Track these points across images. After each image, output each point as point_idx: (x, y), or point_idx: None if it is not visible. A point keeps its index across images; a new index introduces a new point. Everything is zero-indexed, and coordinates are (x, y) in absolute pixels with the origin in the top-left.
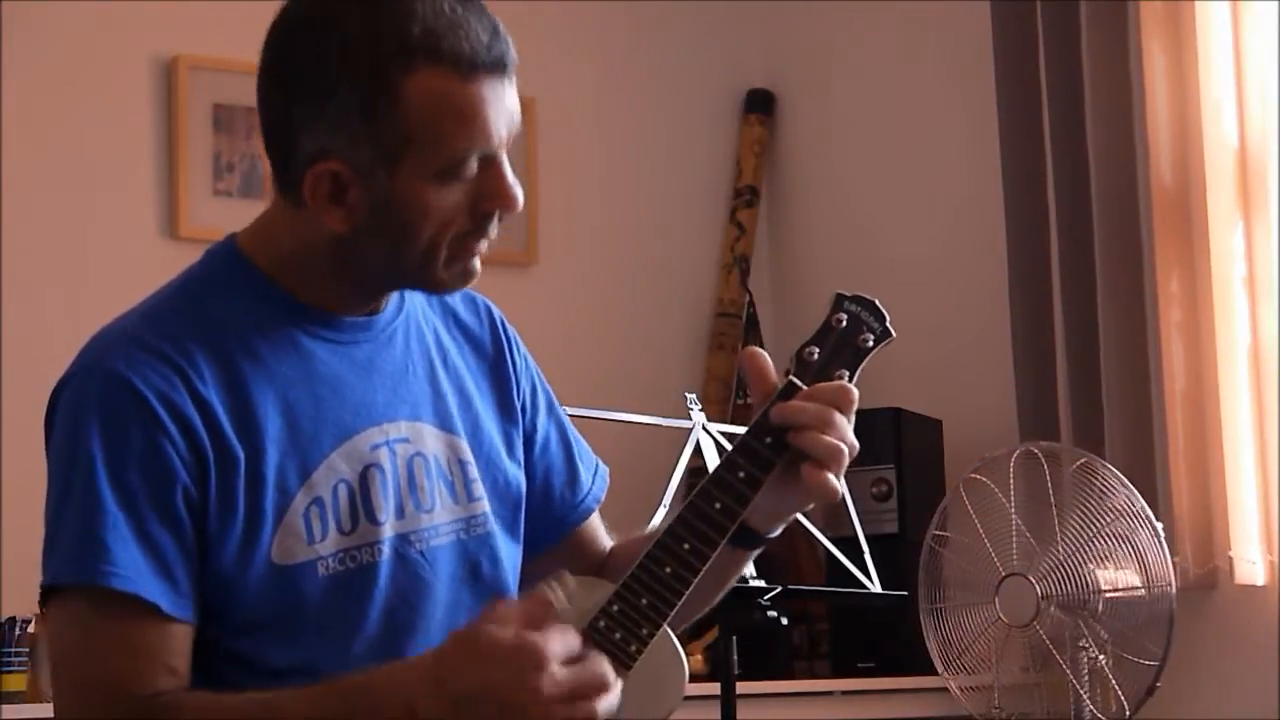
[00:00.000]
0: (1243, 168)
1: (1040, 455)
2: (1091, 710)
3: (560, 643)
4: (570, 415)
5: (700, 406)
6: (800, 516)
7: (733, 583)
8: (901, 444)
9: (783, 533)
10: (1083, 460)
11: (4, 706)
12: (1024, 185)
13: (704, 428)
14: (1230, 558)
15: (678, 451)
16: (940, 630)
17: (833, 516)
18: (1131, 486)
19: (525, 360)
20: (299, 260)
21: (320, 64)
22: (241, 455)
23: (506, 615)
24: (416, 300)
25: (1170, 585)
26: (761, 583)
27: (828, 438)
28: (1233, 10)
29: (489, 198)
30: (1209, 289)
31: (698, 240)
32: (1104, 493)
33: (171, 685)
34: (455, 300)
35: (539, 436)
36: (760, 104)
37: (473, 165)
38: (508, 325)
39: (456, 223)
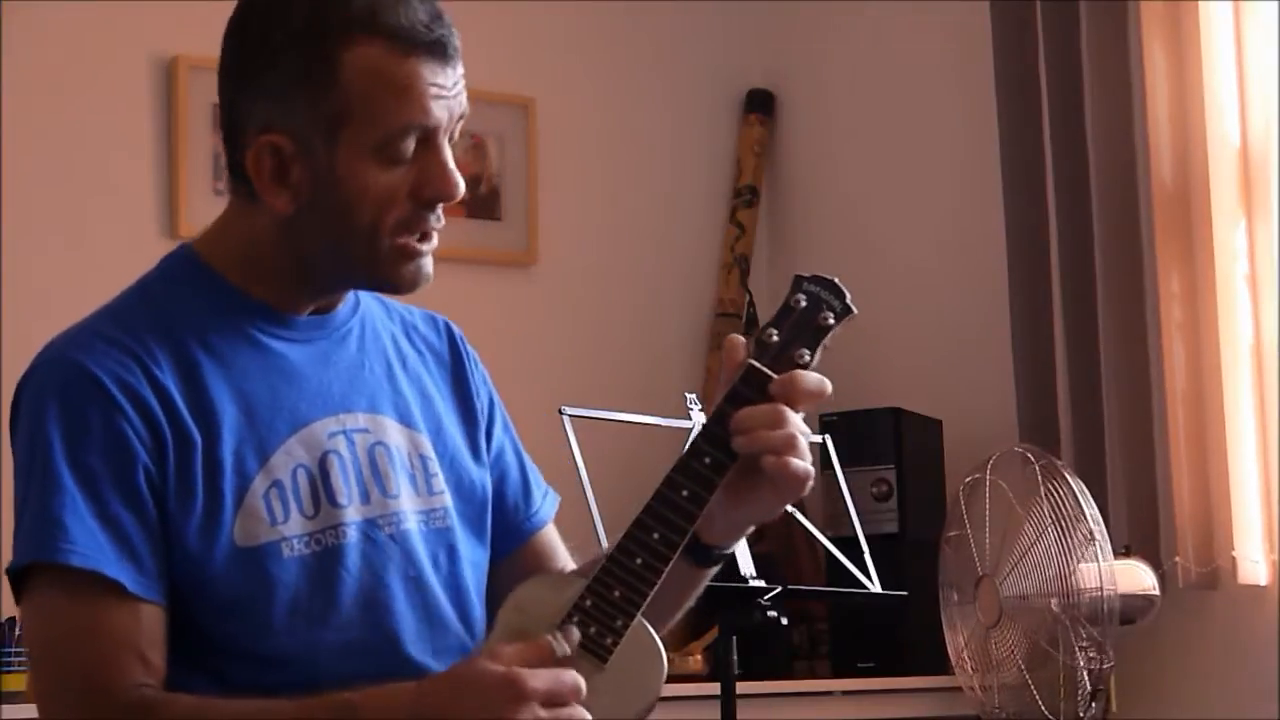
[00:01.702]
0: (1244, 166)
1: (1031, 458)
2: (1043, 710)
3: (545, 680)
4: (571, 415)
5: (700, 406)
6: (800, 516)
7: (690, 602)
8: (901, 444)
9: (783, 533)
10: (1044, 463)
11: (4, 706)
12: (1024, 185)
13: None
14: (1233, 557)
15: (678, 451)
16: (950, 629)
17: (833, 516)
18: (1078, 489)
19: (484, 378)
20: (252, 261)
21: (264, 39)
22: (199, 438)
23: (502, 653)
24: (373, 309)
25: (1109, 591)
26: (761, 583)
27: (778, 431)
28: (1233, 10)
29: (428, 183)
30: (1210, 288)
31: (698, 240)
32: (1061, 496)
33: (144, 676)
34: (414, 316)
35: (494, 445)
36: (760, 104)
37: (409, 144)
38: (467, 343)
39: (396, 207)
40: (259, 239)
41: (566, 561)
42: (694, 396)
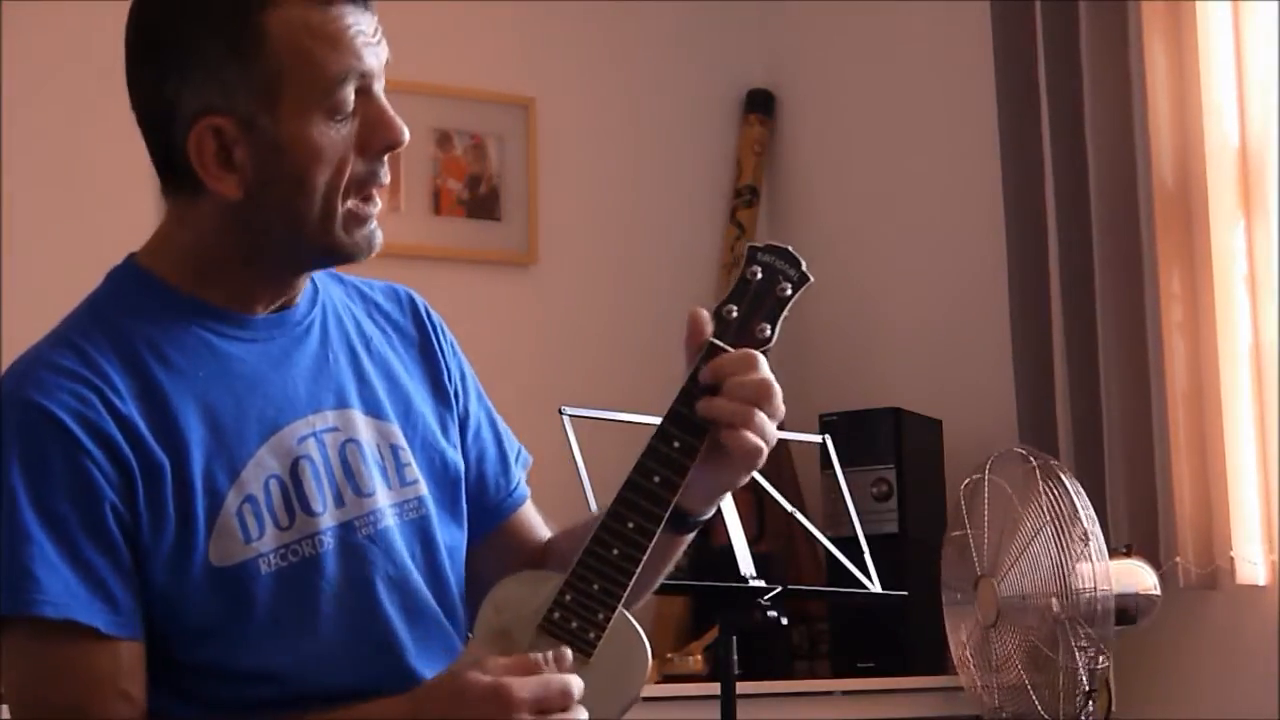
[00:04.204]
0: (1244, 167)
1: (1029, 458)
2: (1040, 711)
3: (533, 687)
4: (570, 415)
5: None
6: (800, 516)
7: (669, 568)
8: (901, 444)
9: (783, 533)
10: (1039, 463)
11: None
12: (1024, 185)
13: None
14: (1231, 558)
15: None
16: (950, 630)
17: (833, 516)
18: (1073, 490)
19: (453, 346)
20: (201, 261)
21: (181, 23)
22: (166, 464)
23: (490, 664)
24: (334, 293)
25: (1102, 591)
26: (761, 583)
27: (730, 402)
28: (1233, 10)
29: (374, 132)
30: (1210, 288)
31: (698, 240)
32: (1057, 497)
33: (128, 713)
34: (375, 292)
35: (471, 421)
36: (760, 104)
37: (350, 94)
38: (432, 312)
39: (349, 165)
40: (205, 239)
41: (546, 533)
42: None
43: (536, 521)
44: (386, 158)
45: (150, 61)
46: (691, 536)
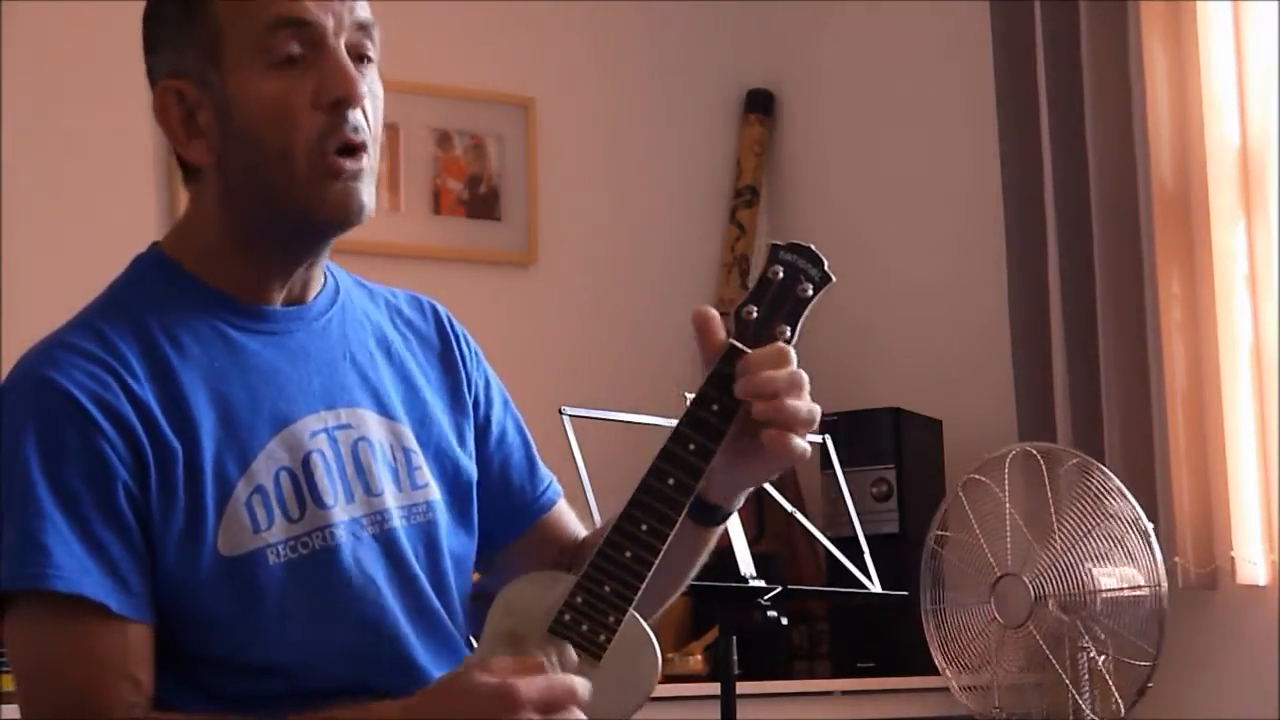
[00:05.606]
0: (1244, 167)
1: (1039, 456)
2: (1085, 711)
3: (539, 687)
4: (570, 415)
5: None
6: (800, 516)
7: (702, 560)
8: (901, 444)
9: (783, 533)
10: (1076, 461)
11: (4, 707)
12: (1023, 185)
13: None
14: (1232, 558)
15: None
16: (941, 630)
17: (833, 516)
18: (1124, 488)
19: (477, 356)
20: (208, 246)
21: (151, 3)
22: (179, 449)
23: (495, 665)
24: (356, 296)
25: (1160, 588)
26: (761, 583)
27: (790, 401)
28: (1233, 10)
29: (323, 86)
30: (1210, 288)
31: (698, 240)
32: (1098, 494)
33: (134, 697)
34: (399, 299)
35: (494, 429)
36: (760, 104)
37: (287, 42)
38: (456, 322)
39: (303, 120)
40: (209, 222)
41: (581, 532)
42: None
43: (570, 521)
44: (357, 115)
45: (145, 49)
46: (720, 530)
